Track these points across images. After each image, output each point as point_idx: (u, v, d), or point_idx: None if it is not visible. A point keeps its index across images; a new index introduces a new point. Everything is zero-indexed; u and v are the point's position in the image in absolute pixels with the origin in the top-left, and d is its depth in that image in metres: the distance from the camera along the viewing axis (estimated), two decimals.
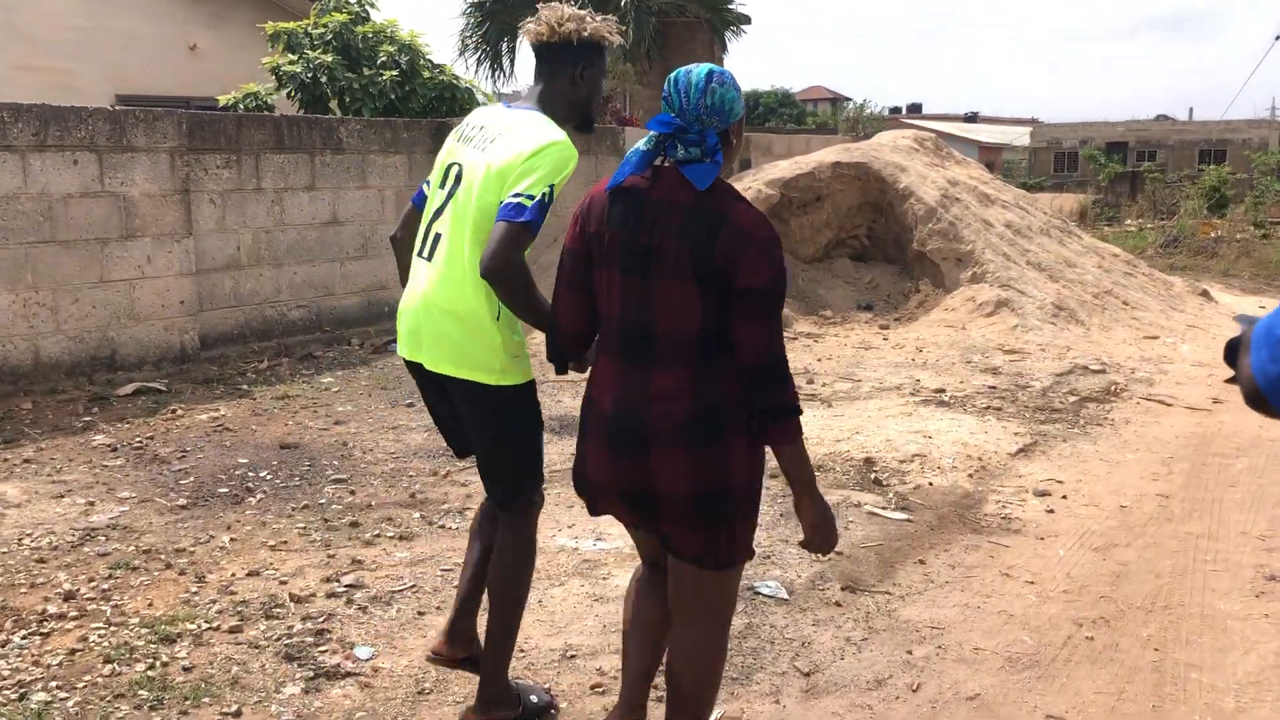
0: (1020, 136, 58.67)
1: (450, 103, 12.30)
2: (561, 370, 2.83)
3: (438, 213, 2.99)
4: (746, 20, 18.37)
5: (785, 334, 5.03)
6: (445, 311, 2.92)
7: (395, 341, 3.53)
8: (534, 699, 3.31)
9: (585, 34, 2.92)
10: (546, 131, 2.85)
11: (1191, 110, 59.24)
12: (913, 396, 7.97)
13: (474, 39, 16.37)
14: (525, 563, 3.13)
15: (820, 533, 2.54)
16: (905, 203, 11.67)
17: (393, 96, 12.01)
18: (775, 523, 5.19)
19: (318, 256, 9.81)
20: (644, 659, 2.84)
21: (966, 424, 7.11)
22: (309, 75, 11.93)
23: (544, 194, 2.73)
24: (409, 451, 6.43)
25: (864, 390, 8.19)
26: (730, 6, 17.37)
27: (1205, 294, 13.12)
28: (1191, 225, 21.41)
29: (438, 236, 2.96)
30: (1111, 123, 53.74)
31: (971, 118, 73.99)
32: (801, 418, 2.45)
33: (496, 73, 17.01)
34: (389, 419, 7.22)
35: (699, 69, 2.44)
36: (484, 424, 3.01)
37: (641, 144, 2.49)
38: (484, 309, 2.87)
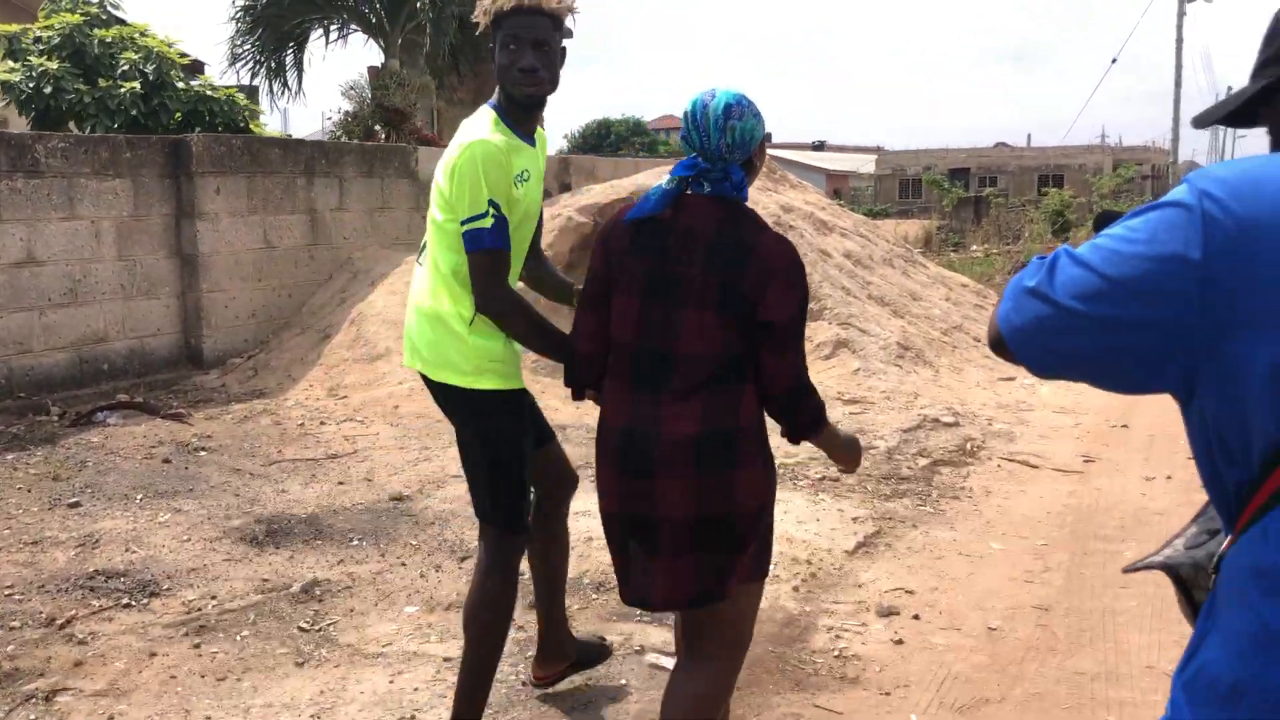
0: (866, 164, 59.14)
1: (206, 118, 10.48)
2: (579, 396, 2.79)
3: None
4: (567, 34, 16.96)
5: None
6: (422, 313, 2.95)
7: (105, 409, 3.85)
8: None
9: (489, 10, 2.88)
10: (463, 135, 2.86)
11: (1030, 137, 60.70)
12: None
13: (247, 48, 14.52)
14: (501, 596, 3.06)
15: (854, 453, 2.76)
16: None
17: (135, 112, 10.13)
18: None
19: (6, 305, 7.88)
20: None
21: (795, 507, 5.66)
22: (30, 85, 9.97)
23: (488, 212, 2.75)
24: (35, 581, 4.64)
25: None
26: None
27: None
28: (1038, 250, 20.82)
29: (424, 245, 3.02)
30: (954, 149, 54.44)
31: (819, 146, 74.63)
32: None
33: (278, 86, 15.13)
34: (34, 527, 5.38)
35: (715, 102, 2.42)
36: (459, 428, 3.05)
37: (664, 183, 2.48)
38: (453, 311, 2.88)
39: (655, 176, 10.72)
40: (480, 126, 2.85)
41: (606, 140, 53.68)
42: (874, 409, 8.03)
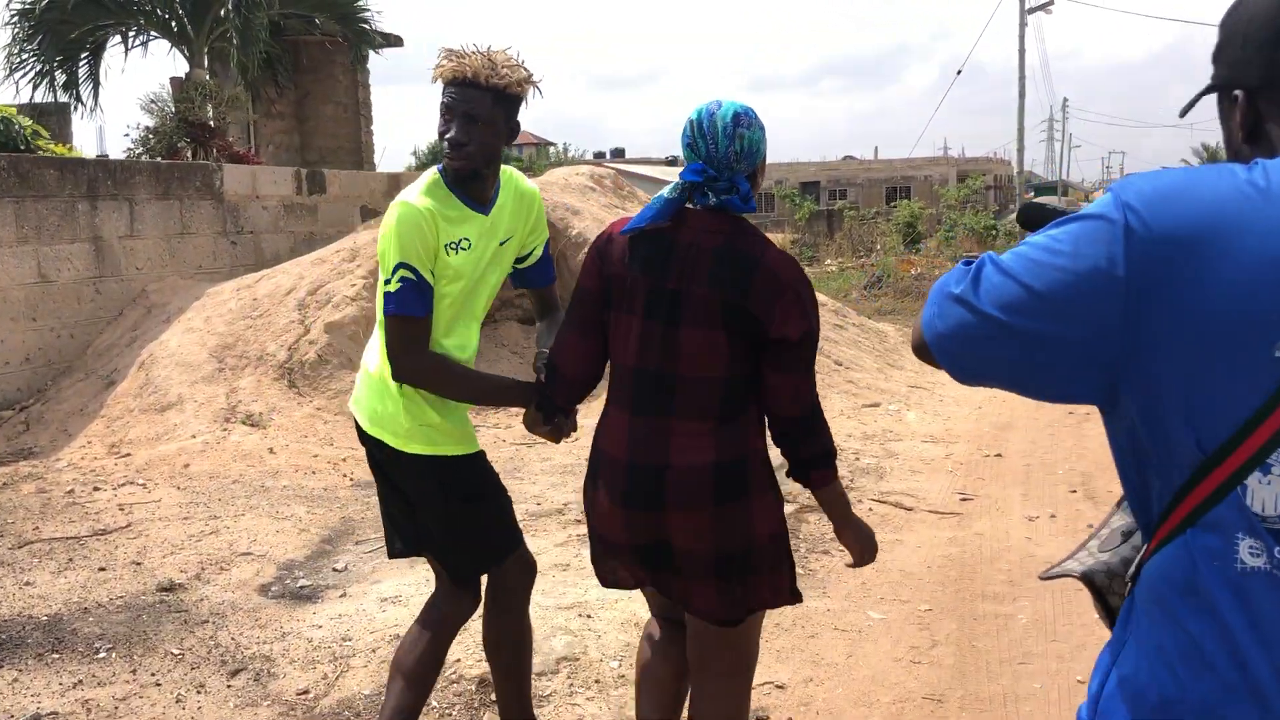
0: None
1: None
2: (550, 420, 2.67)
3: None
4: (396, 42, 15.87)
5: None
6: (366, 369, 2.90)
7: None
8: None
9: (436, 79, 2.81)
10: (399, 194, 2.79)
11: (877, 149, 61.65)
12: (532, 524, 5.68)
13: (25, 56, 13.03)
14: (431, 648, 2.93)
15: (867, 551, 2.55)
16: (580, 252, 9.47)
17: None
18: None
19: None
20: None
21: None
22: None
23: (396, 275, 2.65)
24: None
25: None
26: (370, 25, 14.63)
27: None
28: (893, 263, 20.59)
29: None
30: (803, 163, 54.97)
31: (672, 161, 74.40)
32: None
33: (71, 99, 13.60)
34: None
35: (723, 111, 2.35)
36: (408, 489, 2.90)
37: (666, 191, 2.37)
38: (386, 371, 2.77)
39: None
40: (411, 189, 2.79)
41: None
42: None
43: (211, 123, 11.33)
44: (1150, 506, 1.27)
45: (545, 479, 6.78)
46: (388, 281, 2.68)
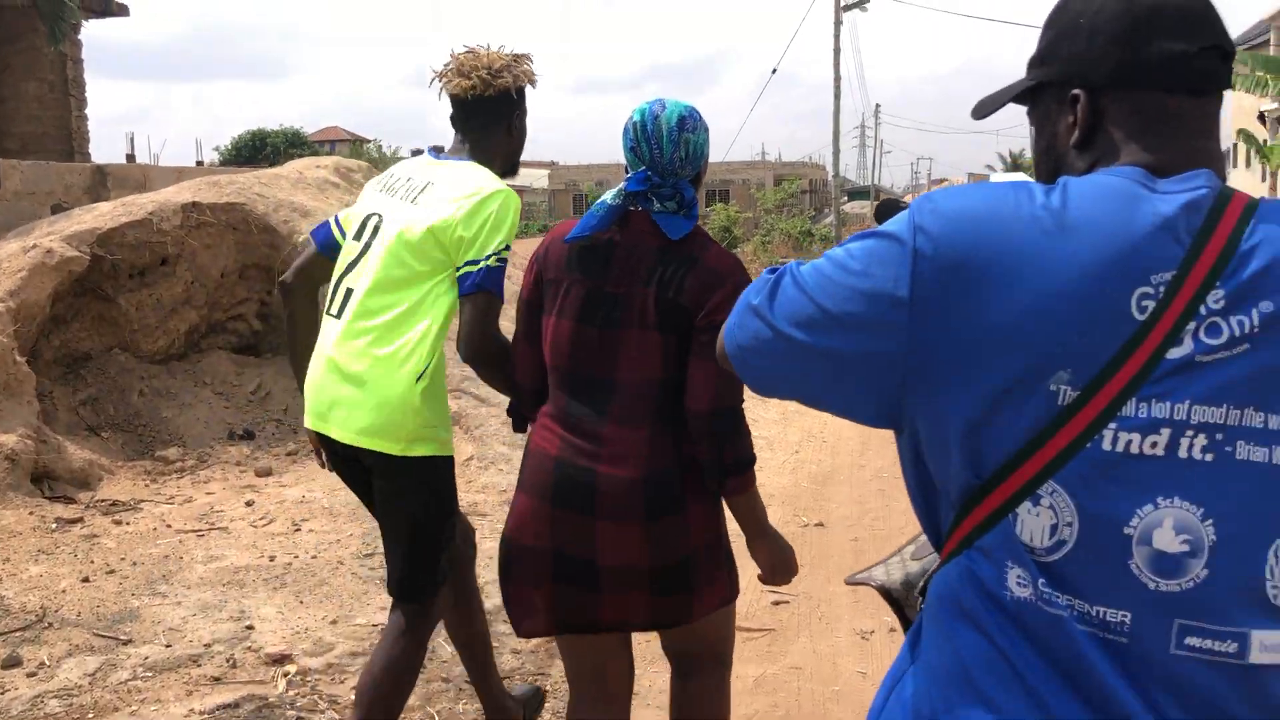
0: (540, 179, 58.10)
1: None
2: (520, 428, 2.66)
3: (350, 266, 2.79)
4: (119, 11, 13.49)
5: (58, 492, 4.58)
6: (351, 374, 2.71)
7: None
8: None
9: (522, 83, 2.86)
10: (483, 180, 2.72)
11: None
12: (215, 687, 3.79)
13: None
14: (411, 664, 2.85)
15: (780, 569, 2.51)
16: None
17: None
18: None
19: None
20: None
21: None
22: None
23: (498, 254, 2.62)
24: None
25: (116, 681, 3.87)
26: None
27: None
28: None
29: (349, 292, 2.76)
30: (620, 164, 54.01)
31: None
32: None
33: None
34: None
35: (667, 113, 2.33)
36: (388, 499, 2.80)
37: (608, 197, 2.35)
38: (400, 371, 2.67)
39: (195, 189, 7.77)
40: (493, 179, 2.74)
41: (262, 152, 49.63)
42: (491, 520, 5.53)
43: None
44: (938, 524, 1.26)
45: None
46: (487, 258, 2.59)
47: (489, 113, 2.86)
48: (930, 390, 1.18)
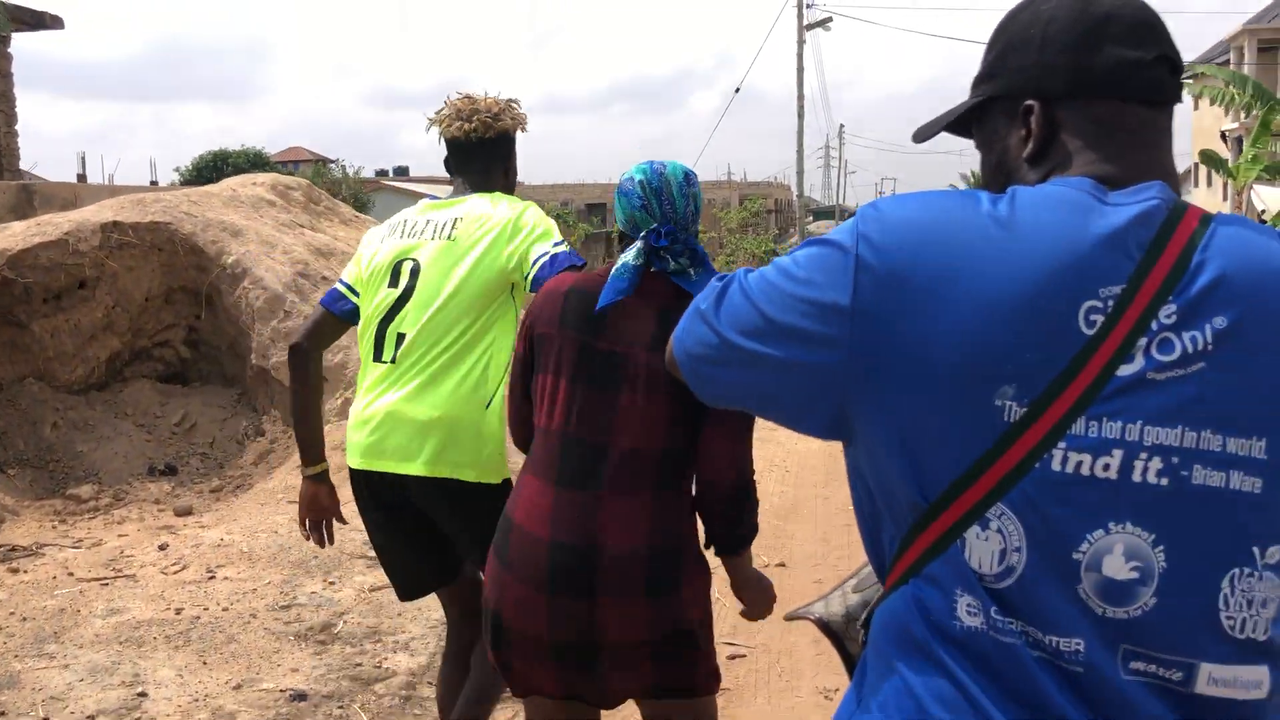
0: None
1: None
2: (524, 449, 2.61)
3: (394, 312, 2.81)
4: (53, 23, 12.93)
5: None
6: (419, 413, 2.72)
7: None
8: None
9: (521, 127, 3.00)
10: (507, 200, 2.83)
11: None
12: None
13: None
14: (495, 683, 2.89)
15: (763, 602, 2.43)
16: (238, 287, 7.10)
17: None
18: None
19: None
20: None
21: None
22: None
23: (557, 244, 2.68)
24: None
25: None
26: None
27: None
28: None
29: (400, 337, 2.79)
30: (590, 184, 54.34)
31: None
32: None
33: None
34: None
35: (670, 169, 2.32)
36: (464, 527, 2.82)
37: (629, 258, 2.22)
38: (472, 399, 2.72)
39: (117, 208, 7.30)
40: (514, 200, 2.87)
41: (224, 174, 48.97)
42: None
43: None
44: (882, 551, 1.22)
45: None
46: (546, 252, 2.66)
47: (489, 155, 2.96)
48: (873, 404, 1.15)
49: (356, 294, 2.97)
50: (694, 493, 2.24)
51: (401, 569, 3.03)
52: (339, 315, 2.99)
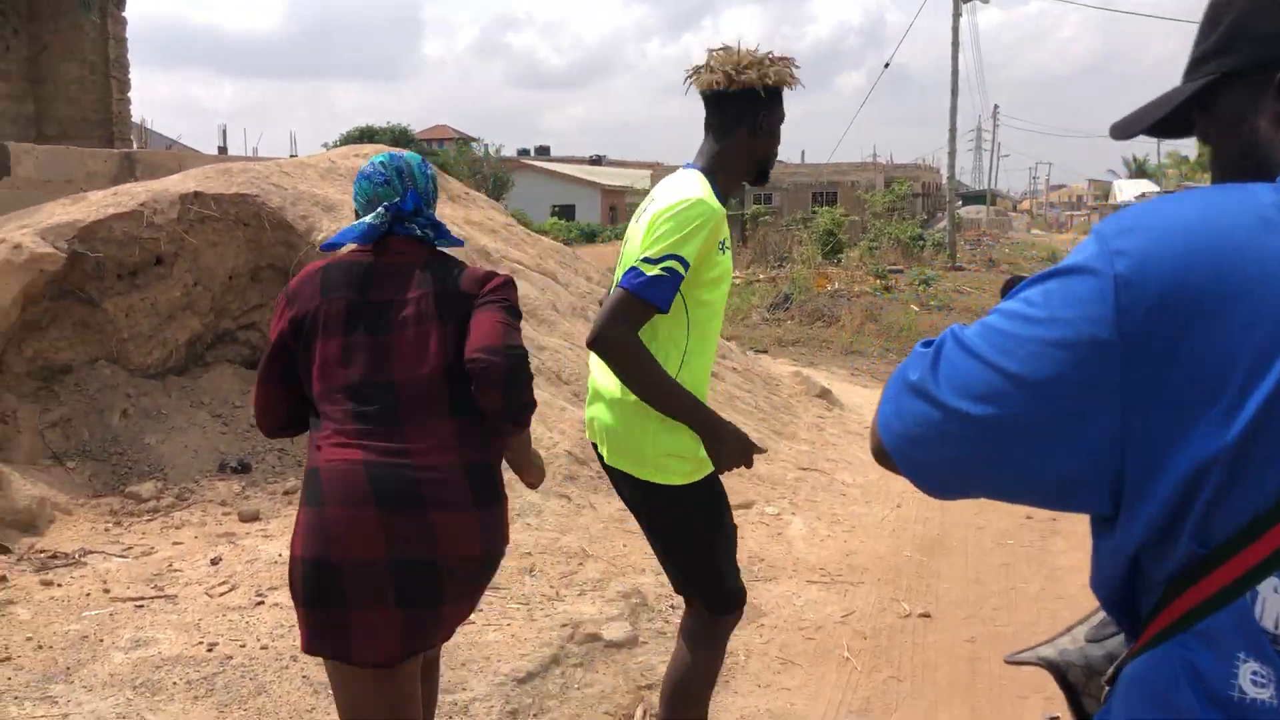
0: (643, 179, 57.33)
1: None
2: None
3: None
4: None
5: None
6: (602, 395, 2.73)
7: None
8: None
9: (769, 81, 2.72)
10: (679, 189, 2.65)
11: (804, 153, 59.55)
12: None
13: None
14: (706, 668, 2.81)
15: (541, 480, 2.64)
16: None
17: None
18: None
19: None
20: None
21: None
22: None
23: (659, 262, 2.50)
24: None
25: None
26: None
27: (826, 394, 8.81)
28: (805, 276, 17.80)
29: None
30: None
31: (597, 160, 72.65)
32: None
33: None
34: None
35: (409, 156, 2.56)
36: (649, 524, 2.79)
37: (369, 219, 2.45)
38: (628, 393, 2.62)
39: (201, 178, 6.73)
40: (695, 186, 2.64)
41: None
42: (499, 605, 4.36)
43: None
44: (1132, 597, 1.05)
45: None
46: (650, 262, 2.51)
47: (731, 111, 2.77)
48: (1148, 443, 0.97)
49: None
50: (473, 380, 2.28)
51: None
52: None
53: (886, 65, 30.07)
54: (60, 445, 5.82)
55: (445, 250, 2.54)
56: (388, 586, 2.19)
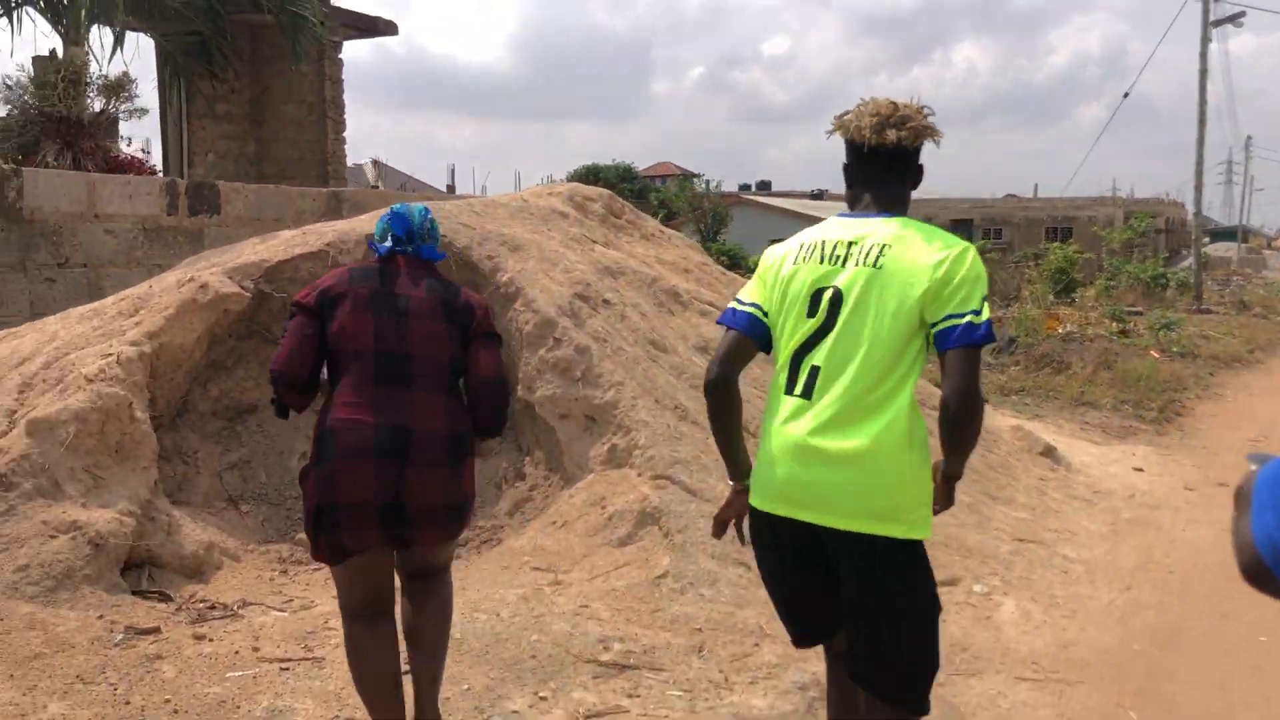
0: None
1: None
2: (283, 415, 3.39)
3: (811, 343, 2.72)
4: (386, 29, 12.81)
5: (156, 585, 4.76)
6: (846, 455, 2.61)
7: None
8: None
9: (937, 136, 2.83)
10: (942, 235, 2.70)
11: (1036, 187, 57.06)
12: None
13: None
14: None
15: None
16: (510, 309, 6.24)
17: None
18: None
19: None
20: (397, 707, 3.28)
21: None
22: None
23: (986, 308, 2.61)
24: None
25: None
26: (317, 6, 11.09)
27: (1050, 452, 8.00)
28: (1034, 317, 16.68)
29: (814, 370, 2.70)
30: (956, 199, 51.92)
31: (819, 195, 71.67)
32: None
33: None
34: None
35: (415, 206, 3.46)
36: (881, 590, 2.64)
37: (386, 244, 3.35)
38: (899, 446, 2.59)
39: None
40: (948, 234, 2.72)
41: (595, 186, 50.55)
42: (647, 696, 3.93)
43: (78, 116, 8.52)
44: None
45: None
46: (974, 313, 2.57)
47: (904, 167, 2.83)
48: None
49: (767, 315, 2.84)
50: (478, 401, 3.27)
51: (804, 617, 2.90)
52: (756, 340, 2.85)
53: (1126, 95, 28.43)
54: (237, 488, 5.77)
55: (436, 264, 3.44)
56: (373, 516, 3.06)
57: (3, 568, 4.42)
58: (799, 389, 2.70)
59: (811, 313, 2.71)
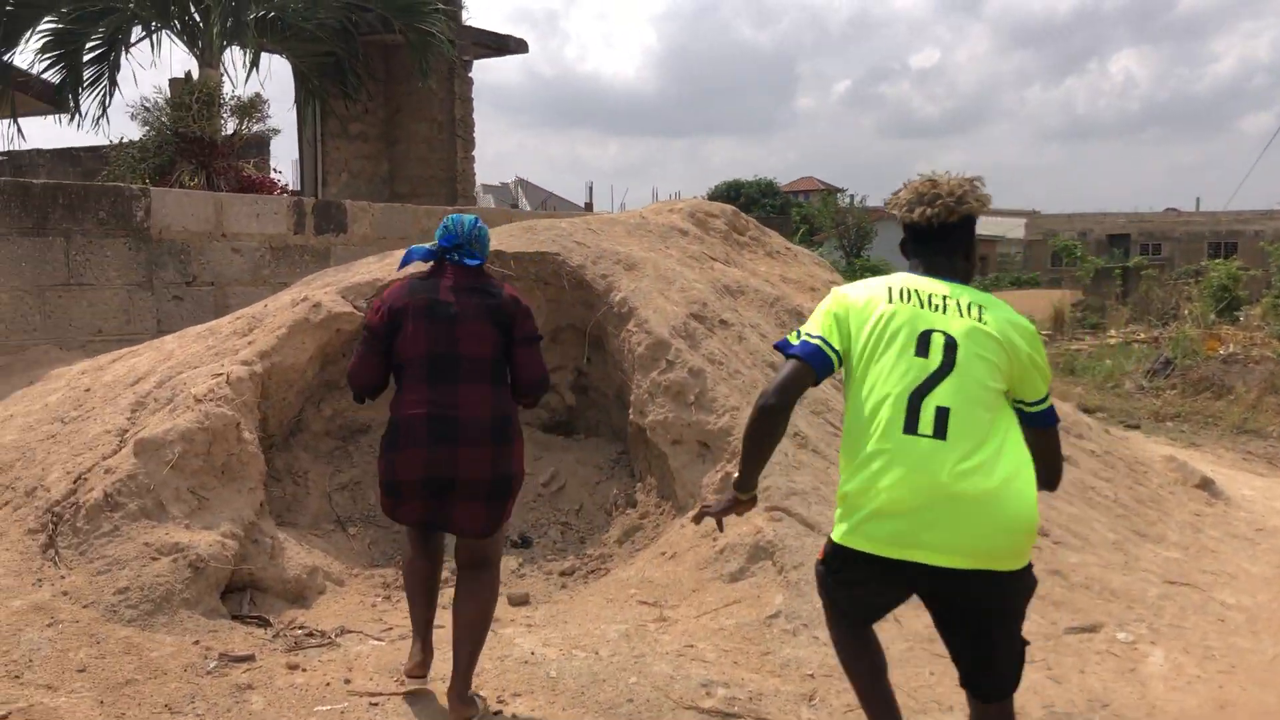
0: (1016, 229, 54.65)
1: None
2: (360, 401, 4.06)
3: (930, 385, 2.78)
4: (518, 47, 12.80)
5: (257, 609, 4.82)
6: (974, 496, 2.69)
7: None
8: None
9: (982, 209, 2.99)
10: (1022, 319, 2.91)
11: (1199, 201, 54.43)
12: None
13: None
14: None
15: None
16: (623, 329, 6.05)
17: None
18: None
19: None
20: (429, 608, 3.98)
21: None
22: None
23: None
24: None
25: None
26: (446, 24, 11.06)
27: (1207, 485, 7.41)
28: (1193, 338, 15.72)
29: (940, 410, 2.75)
30: (1112, 214, 50.03)
31: None
32: None
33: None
34: None
35: (467, 217, 3.93)
36: (999, 616, 2.85)
37: (428, 246, 3.90)
38: (1024, 488, 2.73)
39: (503, 237, 6.53)
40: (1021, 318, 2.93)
41: (736, 202, 50.48)
42: None
43: (211, 137, 8.68)
44: None
45: None
46: (1048, 397, 2.94)
47: (953, 240, 2.97)
48: None
49: (836, 351, 2.90)
50: (524, 395, 3.88)
51: (868, 613, 3.11)
52: (816, 372, 2.90)
53: None
54: (346, 509, 5.70)
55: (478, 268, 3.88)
56: (424, 490, 3.65)
57: (103, 590, 4.40)
58: (928, 428, 2.74)
59: (921, 353, 2.79)
